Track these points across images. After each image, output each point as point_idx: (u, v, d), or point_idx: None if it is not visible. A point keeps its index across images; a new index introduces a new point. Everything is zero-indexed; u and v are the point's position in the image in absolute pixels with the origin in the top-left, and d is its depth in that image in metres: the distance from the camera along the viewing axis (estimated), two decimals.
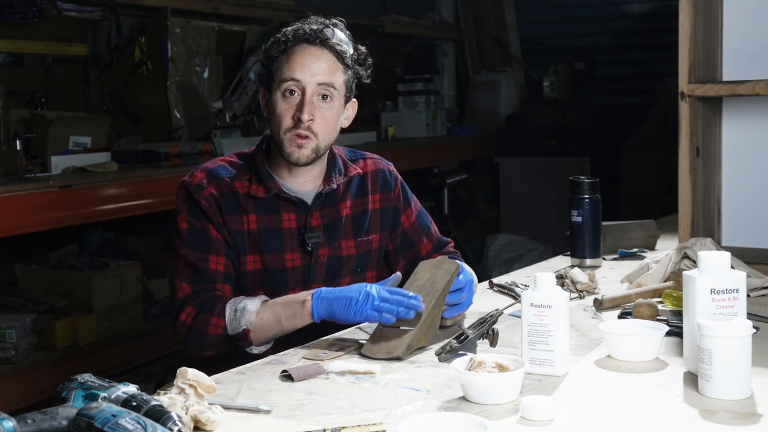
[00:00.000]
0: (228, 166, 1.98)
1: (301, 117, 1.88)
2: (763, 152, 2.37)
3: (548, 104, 6.33)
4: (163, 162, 3.69)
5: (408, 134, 5.66)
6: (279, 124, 1.91)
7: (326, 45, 1.92)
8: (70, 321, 3.43)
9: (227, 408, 1.39)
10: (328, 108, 1.92)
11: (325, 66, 1.91)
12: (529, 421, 1.31)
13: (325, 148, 1.95)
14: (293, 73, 1.89)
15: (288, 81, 1.90)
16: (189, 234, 1.91)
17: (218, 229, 1.91)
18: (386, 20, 5.96)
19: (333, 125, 1.94)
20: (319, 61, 1.91)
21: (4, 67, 3.94)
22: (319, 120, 1.90)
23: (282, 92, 1.91)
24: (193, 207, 1.93)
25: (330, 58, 1.92)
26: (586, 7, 6.91)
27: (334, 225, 2.00)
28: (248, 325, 1.80)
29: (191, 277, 1.88)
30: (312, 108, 1.89)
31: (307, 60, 1.90)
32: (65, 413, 1.20)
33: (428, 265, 1.84)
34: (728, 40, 2.34)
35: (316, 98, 1.90)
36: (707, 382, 1.38)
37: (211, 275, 1.89)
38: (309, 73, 1.89)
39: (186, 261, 1.90)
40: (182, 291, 1.88)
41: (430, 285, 1.78)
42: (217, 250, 1.90)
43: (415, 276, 1.83)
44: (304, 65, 1.90)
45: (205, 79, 4.52)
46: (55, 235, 3.74)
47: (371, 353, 1.69)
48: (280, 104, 1.91)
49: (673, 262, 2.06)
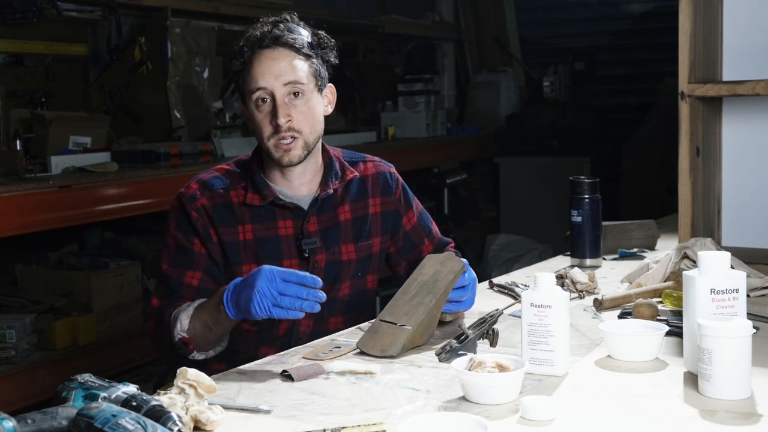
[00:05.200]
0: (223, 176, 1.98)
1: (278, 122, 1.88)
2: (763, 152, 2.37)
3: (548, 104, 6.33)
4: (163, 162, 3.69)
5: (408, 134, 5.66)
6: (261, 134, 1.92)
7: (279, 43, 1.90)
8: (70, 321, 3.42)
9: (227, 408, 1.39)
10: (303, 103, 1.91)
11: (285, 65, 1.89)
12: (529, 421, 1.31)
13: (314, 141, 1.94)
14: (257, 82, 1.89)
15: (256, 91, 1.89)
16: (172, 250, 1.94)
17: (204, 243, 1.92)
18: (386, 20, 5.96)
19: (314, 117, 1.93)
20: (277, 62, 1.89)
21: (4, 67, 3.94)
22: (297, 117, 1.90)
23: (254, 103, 1.91)
24: (182, 220, 1.94)
25: (288, 55, 1.90)
26: (586, 7, 6.91)
27: (332, 230, 1.99)
28: (183, 333, 1.80)
29: (163, 293, 1.91)
30: (286, 109, 1.89)
31: (265, 65, 1.89)
32: (65, 413, 1.20)
33: (434, 261, 1.82)
34: (728, 40, 2.34)
35: (288, 98, 1.90)
36: (707, 382, 1.38)
37: (183, 291, 1.89)
38: (272, 77, 1.88)
39: (164, 276, 1.92)
40: (152, 307, 1.92)
41: (432, 282, 1.77)
42: (195, 265, 1.91)
43: (420, 270, 1.81)
44: (264, 71, 1.89)
45: (205, 79, 4.52)
46: (55, 235, 3.74)
47: (366, 348, 1.69)
48: (256, 114, 1.91)
49: (673, 262, 2.06)
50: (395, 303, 1.76)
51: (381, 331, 1.71)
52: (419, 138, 5.67)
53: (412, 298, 1.75)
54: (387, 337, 1.69)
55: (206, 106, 4.49)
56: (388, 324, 1.71)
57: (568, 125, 6.14)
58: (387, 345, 1.68)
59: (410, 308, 1.73)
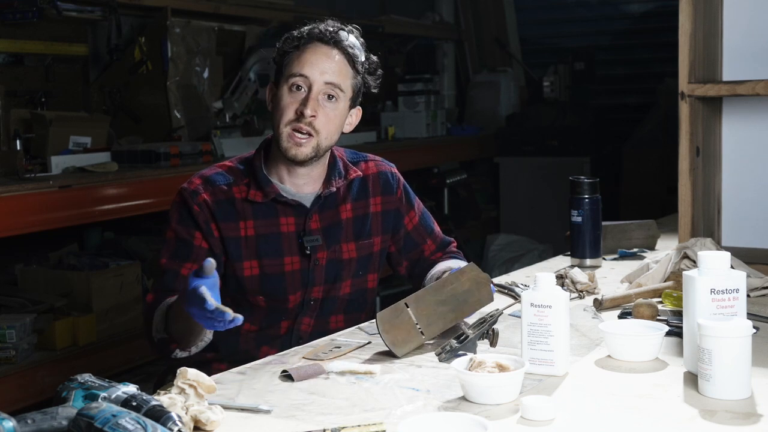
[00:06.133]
0: (226, 172, 1.98)
1: (304, 111, 1.88)
2: (763, 152, 2.37)
3: (548, 104, 6.33)
4: (163, 162, 3.69)
5: (408, 134, 5.66)
6: (281, 117, 1.91)
7: (339, 46, 1.92)
8: (70, 321, 3.42)
9: (227, 408, 1.39)
10: (332, 108, 1.92)
11: (334, 66, 1.91)
12: (529, 421, 1.31)
13: (326, 149, 1.94)
14: (302, 68, 1.90)
15: (296, 76, 1.90)
16: (171, 242, 1.93)
17: (206, 237, 1.92)
18: (386, 20, 5.96)
19: (336, 126, 1.94)
20: (329, 60, 1.91)
21: (4, 67, 3.94)
22: (321, 118, 1.90)
23: (289, 86, 1.91)
24: (183, 214, 1.93)
25: (341, 60, 1.92)
26: (586, 7, 6.91)
27: (334, 228, 1.99)
28: (162, 333, 1.81)
29: (158, 287, 1.91)
30: (316, 105, 1.89)
31: (317, 57, 1.90)
32: (65, 413, 1.20)
33: (474, 276, 1.76)
34: (728, 40, 2.34)
35: (322, 97, 1.90)
36: (707, 382, 1.38)
37: (179, 283, 1.88)
38: (318, 71, 1.90)
39: (162, 269, 1.92)
40: (146, 303, 1.90)
41: (462, 301, 1.74)
42: (194, 257, 1.90)
43: (460, 275, 1.75)
44: (313, 62, 1.90)
45: (205, 79, 4.52)
46: (55, 235, 3.74)
47: (381, 325, 1.66)
48: (286, 97, 1.91)
49: (673, 262, 2.06)
50: (424, 297, 1.72)
51: (401, 320, 1.68)
52: (419, 138, 5.66)
53: (440, 305, 1.72)
54: (402, 332, 1.67)
55: (206, 106, 4.49)
56: (409, 316, 1.69)
57: (568, 125, 6.14)
58: (398, 341, 1.67)
59: (433, 315, 1.71)
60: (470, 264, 1.81)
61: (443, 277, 1.81)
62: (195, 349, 1.82)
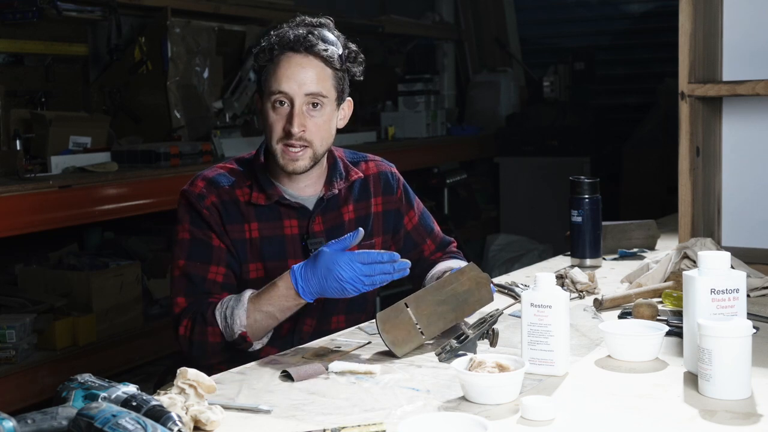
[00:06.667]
0: (227, 173, 1.96)
1: (291, 130, 1.86)
2: (763, 152, 2.37)
3: (548, 104, 6.33)
4: (163, 162, 3.69)
5: (408, 134, 5.66)
6: (270, 134, 1.90)
7: (312, 51, 1.87)
8: (70, 321, 3.43)
9: (227, 408, 1.39)
10: (319, 115, 1.89)
11: (312, 75, 1.87)
12: (529, 421, 1.31)
13: (322, 154, 1.94)
14: (280, 85, 1.87)
15: (276, 93, 1.87)
16: (190, 244, 1.91)
17: (221, 238, 1.91)
18: (386, 20, 5.96)
19: (327, 131, 1.92)
20: (305, 70, 1.87)
21: (4, 67, 3.94)
22: (311, 128, 1.88)
23: (272, 103, 1.89)
24: (195, 216, 1.91)
25: (317, 65, 1.88)
26: (586, 7, 6.91)
27: (337, 229, 1.99)
28: (243, 329, 1.79)
29: (186, 290, 1.88)
30: (302, 118, 1.87)
31: (293, 70, 1.87)
32: (65, 413, 1.20)
33: (474, 276, 1.77)
34: (728, 40, 2.34)
35: (306, 107, 1.88)
36: (707, 382, 1.38)
37: (208, 286, 1.88)
38: (296, 84, 1.86)
39: (183, 272, 1.89)
40: (179, 306, 1.88)
41: (462, 301, 1.74)
42: (217, 260, 1.89)
43: (460, 275, 1.76)
44: (290, 76, 1.86)
45: (205, 79, 4.52)
46: (55, 235, 3.74)
47: (381, 325, 1.67)
48: (271, 115, 1.89)
49: (673, 262, 2.06)
50: (424, 297, 1.72)
51: (401, 320, 1.68)
52: (419, 138, 5.67)
53: (440, 304, 1.72)
54: (402, 332, 1.67)
55: (206, 106, 4.49)
56: (407, 319, 1.69)
57: (568, 125, 6.14)
58: (398, 341, 1.67)
59: (434, 315, 1.71)
60: (470, 264, 1.81)
61: (443, 277, 1.81)
62: (266, 339, 1.85)
